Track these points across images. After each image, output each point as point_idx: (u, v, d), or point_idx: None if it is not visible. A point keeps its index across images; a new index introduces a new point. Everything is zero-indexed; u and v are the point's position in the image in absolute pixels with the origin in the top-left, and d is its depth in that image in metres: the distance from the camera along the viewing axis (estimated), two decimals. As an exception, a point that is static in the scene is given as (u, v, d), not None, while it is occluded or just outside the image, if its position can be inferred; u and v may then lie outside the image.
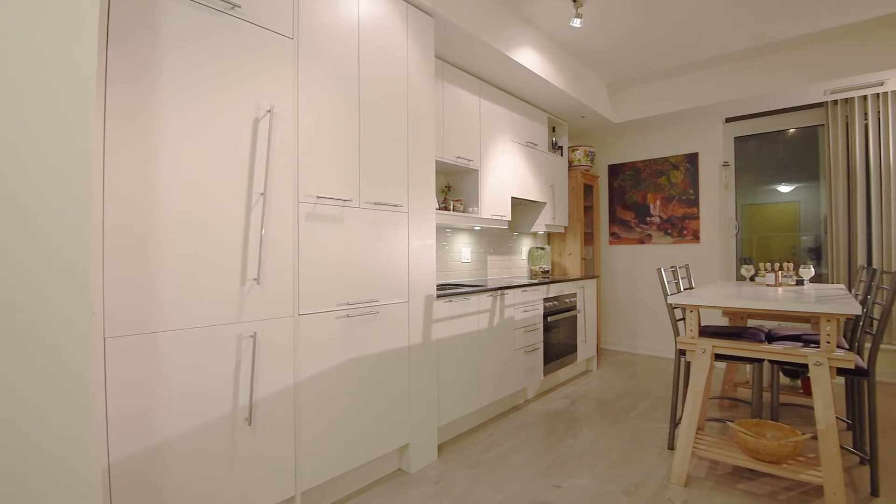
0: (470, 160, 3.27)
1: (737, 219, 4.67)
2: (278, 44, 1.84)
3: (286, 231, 1.86)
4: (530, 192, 3.95)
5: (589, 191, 4.88)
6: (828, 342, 1.99)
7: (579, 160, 4.70)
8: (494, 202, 3.51)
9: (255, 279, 1.75)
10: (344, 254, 2.09)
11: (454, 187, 3.53)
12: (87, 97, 1.12)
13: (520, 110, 3.86)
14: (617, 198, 5.27)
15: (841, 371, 2.12)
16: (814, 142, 4.26)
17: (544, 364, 3.60)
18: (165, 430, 1.52)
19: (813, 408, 2.46)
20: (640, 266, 5.11)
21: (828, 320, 1.98)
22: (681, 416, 2.34)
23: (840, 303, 2.06)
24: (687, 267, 3.43)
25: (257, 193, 1.76)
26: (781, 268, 3.16)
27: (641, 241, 5.10)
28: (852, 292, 3.08)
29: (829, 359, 1.97)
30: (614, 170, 5.28)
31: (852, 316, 2.29)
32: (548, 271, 4.39)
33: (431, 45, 2.56)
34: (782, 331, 2.61)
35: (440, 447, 2.69)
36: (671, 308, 2.69)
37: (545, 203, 4.17)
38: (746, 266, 3.41)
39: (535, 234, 4.70)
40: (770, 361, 2.39)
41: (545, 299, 3.63)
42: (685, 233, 4.81)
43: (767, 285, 3.02)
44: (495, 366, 3.09)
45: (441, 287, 3.16)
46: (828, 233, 4.06)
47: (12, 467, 1.03)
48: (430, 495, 2.15)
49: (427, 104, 2.54)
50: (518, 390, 3.38)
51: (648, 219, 5.05)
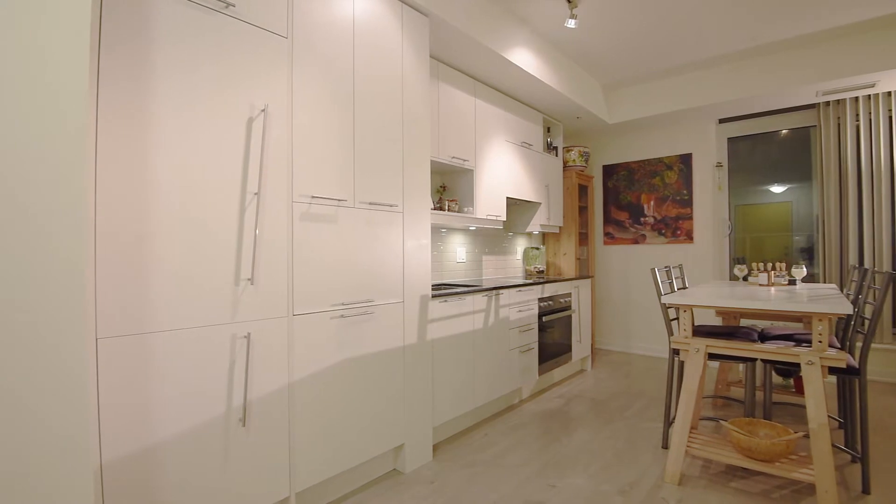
0: (465, 160, 3.27)
1: (730, 219, 4.70)
2: (273, 43, 1.83)
3: (280, 231, 1.85)
4: (525, 192, 3.96)
5: (584, 191, 4.90)
6: (820, 341, 2.00)
7: (574, 160, 4.71)
8: (489, 202, 3.51)
9: (249, 279, 1.74)
10: (339, 254, 2.08)
11: (449, 187, 3.53)
12: (80, 97, 1.12)
13: (515, 110, 3.87)
14: (611, 198, 5.29)
15: (833, 370, 2.13)
16: (806, 143, 4.29)
17: (539, 364, 3.61)
18: (159, 430, 1.50)
19: (805, 406, 2.48)
20: (635, 266, 5.14)
21: (820, 320, 1.99)
22: (675, 416, 2.36)
23: (832, 302, 2.08)
24: (681, 267, 3.44)
25: (251, 193, 1.75)
26: (774, 268, 3.18)
27: (636, 242, 5.12)
28: (844, 292, 3.11)
29: (820, 358, 1.99)
30: (609, 170, 5.30)
31: (844, 315, 2.32)
32: (543, 271, 4.40)
33: (426, 45, 2.56)
34: (775, 330, 2.63)
35: (435, 447, 2.68)
36: (665, 308, 2.71)
37: (540, 203, 4.18)
38: (739, 266, 3.43)
39: (530, 235, 4.71)
40: (763, 361, 2.41)
41: (540, 299, 3.63)
42: (679, 233, 4.84)
43: (760, 285, 3.04)
44: (490, 366, 3.09)
45: (436, 287, 3.16)
46: (820, 233, 4.09)
47: (3, 467, 1.02)
48: (426, 495, 2.15)
49: (422, 104, 2.53)
50: (513, 390, 3.38)
51: (643, 219, 5.07)
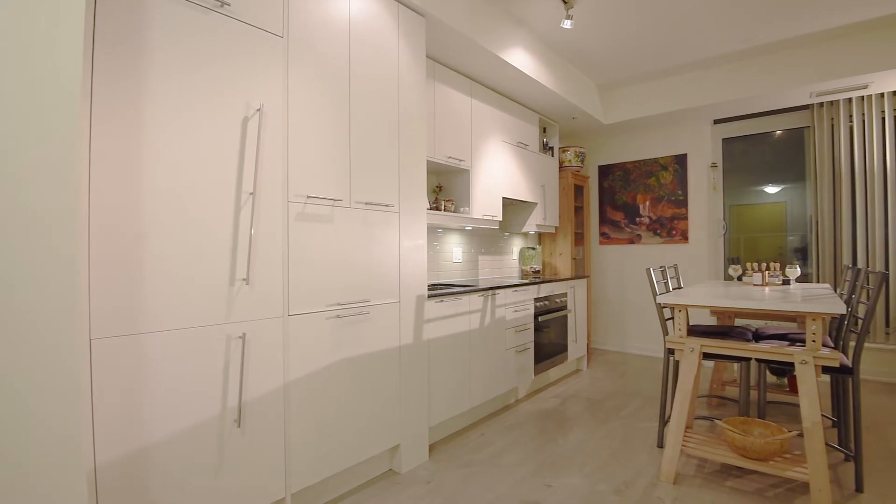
0: (461, 160, 3.27)
1: (725, 219, 4.72)
2: (268, 42, 1.83)
3: (276, 231, 1.84)
4: (521, 192, 3.96)
5: (579, 191, 4.91)
6: (813, 341, 2.02)
7: (570, 161, 4.72)
8: (485, 202, 3.51)
9: (244, 279, 1.73)
10: (334, 254, 2.08)
11: (445, 187, 3.53)
12: (73, 98, 1.11)
13: (511, 111, 3.87)
14: (607, 198, 5.30)
15: (826, 369, 2.15)
16: (800, 143, 4.32)
17: (535, 364, 3.61)
18: (153, 431, 1.50)
19: (799, 405, 2.50)
20: (630, 266, 5.15)
21: (813, 319, 2.00)
22: (670, 415, 2.36)
23: (825, 302, 2.09)
24: (676, 267, 3.46)
25: (246, 193, 1.74)
26: (768, 268, 3.20)
27: (631, 242, 5.13)
28: (837, 292, 3.13)
29: (814, 357, 2.00)
30: (604, 170, 5.32)
31: (837, 315, 2.33)
32: (539, 271, 4.40)
33: (423, 45, 2.56)
34: (769, 330, 2.64)
35: (431, 447, 2.68)
36: (660, 308, 2.72)
37: (536, 203, 4.19)
38: (734, 266, 3.45)
39: (526, 235, 4.71)
40: (757, 360, 2.42)
41: (536, 299, 3.64)
42: (674, 233, 4.86)
43: (755, 285, 3.06)
44: (486, 366, 3.09)
45: (432, 287, 3.16)
46: (813, 233, 4.12)
47: (-5, 471, 1.01)
48: (422, 495, 2.15)
49: (418, 104, 2.53)
50: (509, 390, 3.38)
51: (638, 219, 5.09)
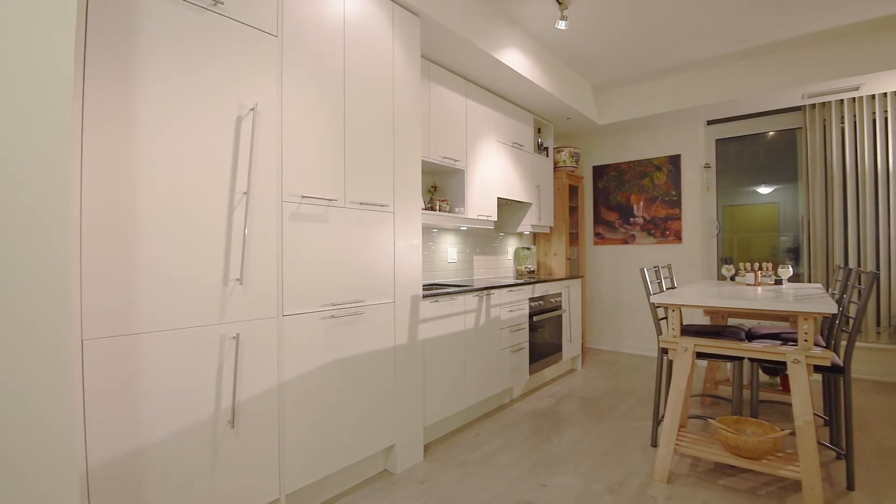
0: (456, 160, 3.27)
1: (718, 219, 4.75)
2: (262, 41, 1.82)
3: (270, 231, 1.83)
4: (516, 192, 3.97)
5: (574, 191, 4.92)
6: (805, 340, 2.03)
7: (564, 161, 4.73)
8: (481, 202, 3.51)
9: (238, 279, 1.72)
10: (329, 254, 2.07)
11: (440, 187, 3.53)
12: (64, 96, 1.10)
13: (506, 111, 3.88)
14: (601, 198, 5.32)
15: (818, 368, 2.16)
16: (792, 144, 4.36)
17: (530, 363, 3.62)
18: (146, 432, 1.49)
19: (791, 404, 2.52)
20: (624, 266, 5.17)
21: (805, 319, 2.02)
22: (663, 414, 2.38)
23: (817, 302, 2.11)
24: (669, 267, 3.48)
25: (240, 193, 1.74)
26: (761, 268, 3.22)
27: (625, 242, 5.16)
28: (829, 291, 3.16)
29: (806, 356, 2.02)
30: (599, 171, 5.33)
31: (829, 315, 2.35)
32: (533, 271, 4.41)
33: (417, 44, 2.56)
34: (762, 329, 2.66)
35: (426, 447, 2.68)
36: (654, 307, 2.73)
37: (531, 203, 4.19)
38: (727, 266, 3.47)
39: (520, 235, 4.72)
40: (750, 359, 2.44)
41: (531, 299, 3.65)
42: (668, 233, 4.88)
43: (747, 285, 3.08)
44: (481, 365, 3.09)
45: (427, 287, 3.16)
46: (805, 233, 4.15)
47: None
48: (416, 496, 2.15)
49: (413, 104, 2.53)
50: (504, 390, 3.39)
51: (632, 219, 5.11)
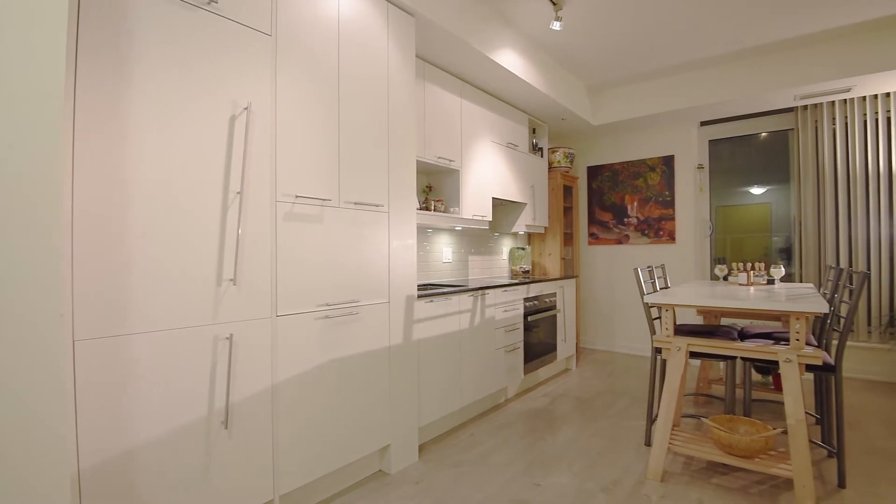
0: (451, 160, 3.28)
1: (711, 220, 4.78)
2: (256, 40, 1.81)
3: (264, 231, 1.83)
4: (511, 192, 3.98)
5: (568, 192, 4.94)
6: (797, 339, 2.05)
7: (559, 161, 4.75)
8: (475, 202, 3.52)
9: (231, 279, 1.71)
10: (323, 254, 2.07)
11: (435, 187, 3.53)
12: (55, 95, 1.09)
13: (501, 111, 3.88)
14: (596, 199, 5.34)
15: (810, 367, 2.18)
16: (784, 145, 4.39)
17: (525, 363, 3.63)
18: (139, 434, 1.48)
19: (784, 403, 2.54)
20: (618, 266, 5.19)
21: (797, 318, 2.04)
22: (657, 413, 2.39)
23: (809, 302, 2.13)
24: (663, 267, 3.49)
25: (234, 192, 1.73)
26: (753, 268, 3.25)
27: (619, 242, 5.18)
28: (820, 291, 3.19)
29: (798, 356, 2.03)
30: (593, 171, 5.35)
31: (820, 314, 2.37)
32: (528, 271, 4.42)
33: (412, 44, 2.55)
34: (754, 329, 2.68)
35: (421, 447, 2.68)
36: (647, 307, 2.74)
37: (526, 204, 4.20)
38: (720, 266, 3.49)
39: (515, 235, 4.73)
40: (742, 359, 2.46)
41: (525, 299, 3.65)
42: (661, 233, 4.91)
43: (740, 284, 3.10)
44: (476, 365, 3.09)
45: (422, 287, 3.16)
46: (797, 234, 4.19)
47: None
48: (411, 496, 2.15)
49: (408, 104, 2.53)
50: (499, 389, 3.39)
51: (626, 220, 5.13)
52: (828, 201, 4.01)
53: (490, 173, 3.70)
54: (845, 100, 3.96)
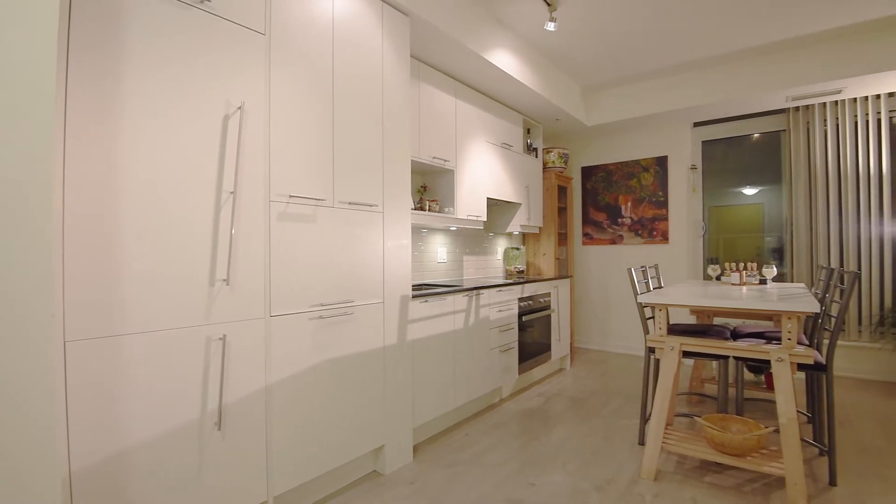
0: (446, 160, 3.28)
1: (704, 220, 4.81)
2: (250, 39, 1.80)
3: (257, 231, 1.82)
4: (506, 192, 3.98)
5: (563, 192, 4.95)
6: (789, 339, 2.06)
7: (553, 162, 4.76)
8: (470, 203, 3.52)
9: (224, 280, 1.70)
10: (317, 254, 2.06)
11: (430, 187, 3.53)
12: (46, 94, 1.08)
13: (495, 112, 3.89)
14: (590, 199, 5.36)
15: (801, 366, 2.20)
16: (777, 146, 4.43)
17: (519, 363, 3.63)
18: (131, 436, 1.46)
19: (776, 402, 2.56)
20: (612, 266, 5.22)
21: (789, 318, 2.05)
22: (650, 413, 2.40)
23: (800, 301, 2.15)
24: (656, 267, 3.51)
25: (227, 192, 1.72)
26: (746, 267, 3.27)
27: (613, 242, 5.20)
28: (812, 291, 3.22)
29: (789, 355, 2.05)
30: (587, 172, 5.37)
31: (811, 314, 2.39)
32: (523, 271, 4.43)
33: (407, 44, 2.55)
34: (746, 328, 2.70)
35: (416, 447, 2.68)
36: (641, 307, 2.76)
37: (520, 204, 4.21)
38: (713, 266, 3.52)
39: (510, 235, 4.74)
40: (735, 358, 2.47)
41: (520, 299, 3.66)
42: (655, 234, 4.93)
43: (733, 284, 3.12)
44: (471, 365, 3.10)
45: (417, 287, 3.15)
46: (789, 234, 4.22)
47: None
48: (406, 496, 2.14)
49: (402, 103, 2.53)
50: (493, 389, 3.39)
51: (620, 220, 5.15)
52: (819, 202, 4.04)
53: (485, 173, 3.70)
54: (836, 101, 3.99)
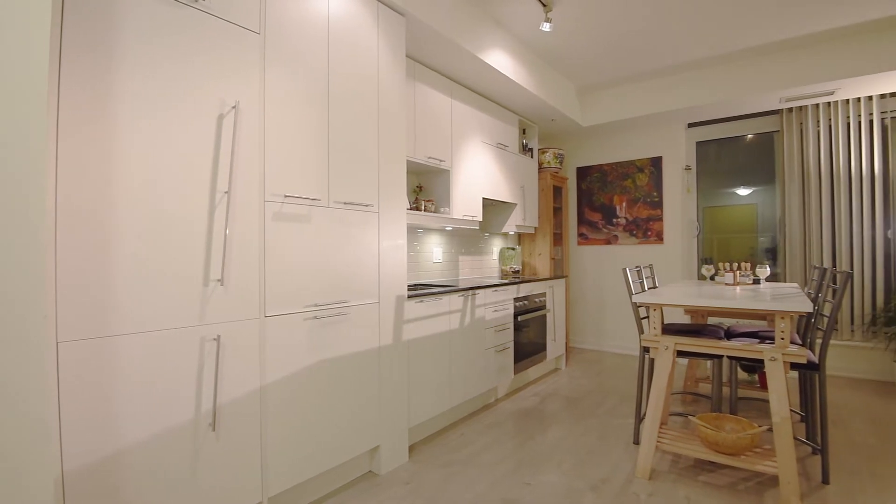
0: (441, 160, 3.28)
1: (698, 220, 4.83)
2: (245, 39, 1.80)
3: (252, 231, 1.81)
4: (501, 193, 3.99)
5: (558, 192, 4.96)
6: (782, 338, 2.08)
7: (549, 162, 4.77)
8: (466, 203, 3.52)
9: (218, 280, 1.70)
10: (312, 254, 2.06)
11: (426, 187, 3.52)
12: (38, 93, 1.07)
13: (491, 112, 3.89)
14: (585, 199, 5.38)
15: (794, 366, 2.22)
16: (770, 147, 4.46)
17: (514, 363, 3.64)
18: (124, 437, 1.45)
19: (769, 401, 2.57)
20: (607, 266, 5.23)
21: (782, 318, 2.07)
22: (645, 412, 2.41)
23: (793, 301, 2.16)
24: (651, 267, 3.52)
25: (221, 192, 1.71)
26: (739, 267, 3.29)
27: (608, 242, 5.21)
28: (805, 291, 3.24)
29: (783, 354, 2.06)
30: (582, 172, 5.39)
31: (805, 313, 2.41)
32: (518, 271, 4.43)
33: (402, 44, 2.55)
34: (740, 328, 2.72)
35: (411, 448, 2.68)
36: (636, 307, 2.77)
37: (516, 204, 4.21)
38: (707, 266, 3.53)
39: (505, 235, 4.74)
40: (729, 357, 2.48)
41: (515, 299, 3.66)
42: (649, 234, 4.95)
43: (726, 284, 3.14)
44: (466, 365, 3.10)
45: (412, 287, 3.15)
46: (783, 234, 4.25)
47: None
48: (401, 496, 2.14)
49: (398, 103, 2.52)
50: (489, 389, 3.40)
51: (615, 220, 5.17)
52: (812, 202, 4.07)
53: (480, 173, 3.71)
54: (829, 103, 4.02)
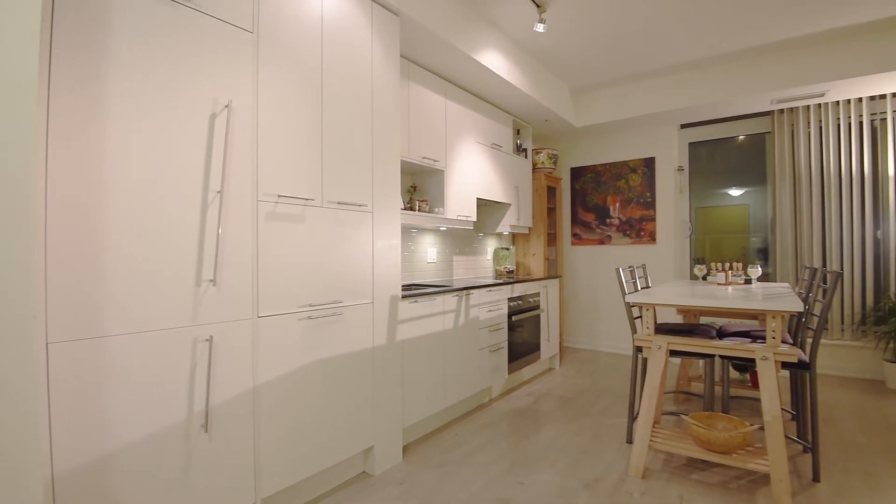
0: (436, 160, 3.27)
1: (690, 221, 4.87)
2: (238, 38, 1.79)
3: (245, 231, 1.80)
4: (495, 193, 3.99)
5: (552, 192, 4.98)
6: (773, 338, 2.10)
7: (543, 162, 4.78)
8: (460, 203, 3.52)
9: (211, 280, 1.69)
10: (306, 254, 2.05)
11: (420, 187, 3.52)
12: (29, 91, 1.06)
13: (485, 112, 3.90)
14: (579, 200, 5.39)
15: (785, 365, 2.23)
16: (761, 148, 4.49)
17: (509, 363, 3.64)
18: (115, 438, 1.44)
19: (760, 400, 2.59)
20: (601, 266, 5.25)
21: (773, 317, 2.09)
22: (638, 411, 2.42)
23: (784, 301, 2.18)
24: (644, 267, 3.54)
25: (214, 191, 1.70)
26: (731, 267, 3.32)
27: (602, 242, 5.24)
28: (796, 290, 3.27)
29: (774, 353, 2.08)
30: (576, 172, 5.41)
31: (795, 313, 2.43)
32: (512, 271, 4.44)
33: (397, 44, 2.55)
34: (732, 327, 2.73)
35: (405, 448, 2.67)
36: (629, 306, 2.78)
37: (510, 204, 4.22)
38: (699, 266, 3.56)
39: (500, 235, 4.75)
40: (721, 357, 2.50)
41: (509, 299, 3.67)
42: (642, 234, 4.98)
43: (718, 284, 3.16)
44: (460, 365, 3.10)
45: (406, 287, 3.15)
46: (774, 234, 4.29)
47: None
48: (395, 497, 2.14)
49: (392, 103, 2.52)
50: (483, 389, 3.40)
51: (608, 220, 5.19)
52: (803, 203, 4.11)
53: (475, 174, 3.71)
54: (820, 104, 4.06)
